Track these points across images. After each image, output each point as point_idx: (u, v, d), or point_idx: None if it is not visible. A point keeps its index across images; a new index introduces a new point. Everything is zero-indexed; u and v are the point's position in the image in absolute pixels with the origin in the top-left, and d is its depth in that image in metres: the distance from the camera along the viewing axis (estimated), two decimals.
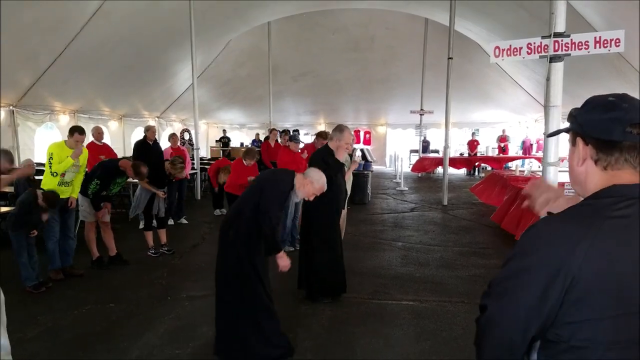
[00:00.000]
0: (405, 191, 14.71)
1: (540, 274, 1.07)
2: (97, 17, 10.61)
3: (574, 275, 1.04)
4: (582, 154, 1.20)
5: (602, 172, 1.16)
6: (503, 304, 1.14)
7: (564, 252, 1.06)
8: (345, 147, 5.07)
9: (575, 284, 1.04)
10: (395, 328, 4.49)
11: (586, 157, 1.19)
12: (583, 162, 1.20)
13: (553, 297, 1.06)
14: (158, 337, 4.25)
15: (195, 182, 12.57)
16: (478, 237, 8.28)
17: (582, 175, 1.22)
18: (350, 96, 22.10)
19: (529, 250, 1.13)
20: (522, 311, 1.10)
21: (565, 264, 1.05)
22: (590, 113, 1.18)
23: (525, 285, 1.10)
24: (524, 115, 21.15)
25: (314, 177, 3.87)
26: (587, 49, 4.72)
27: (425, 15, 17.09)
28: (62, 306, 4.96)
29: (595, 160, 1.17)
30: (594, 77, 11.80)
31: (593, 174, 1.18)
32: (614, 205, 1.09)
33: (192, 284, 5.73)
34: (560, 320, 1.08)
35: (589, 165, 1.19)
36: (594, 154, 1.17)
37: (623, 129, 1.11)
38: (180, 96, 19.27)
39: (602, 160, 1.16)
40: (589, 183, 1.20)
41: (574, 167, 1.24)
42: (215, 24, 14.98)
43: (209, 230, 8.71)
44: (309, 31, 18.59)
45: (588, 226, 1.07)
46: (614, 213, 1.08)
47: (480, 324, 1.20)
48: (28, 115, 12.20)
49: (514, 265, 1.14)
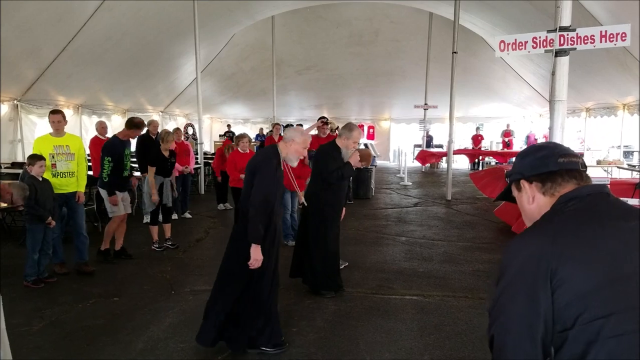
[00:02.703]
0: (408, 186, 14.69)
1: (521, 281, 1.18)
2: (101, 11, 10.62)
3: (551, 265, 1.14)
4: (530, 193, 1.38)
5: (551, 198, 1.33)
6: (504, 323, 1.21)
7: (536, 250, 1.18)
8: (353, 147, 5.07)
9: (556, 275, 1.13)
10: (399, 322, 4.49)
11: (534, 194, 1.37)
12: (533, 200, 1.37)
13: (543, 294, 1.14)
14: (162, 331, 4.27)
15: (199, 177, 12.60)
16: (482, 232, 8.27)
17: (535, 211, 1.37)
18: (354, 90, 22.08)
19: (506, 265, 1.24)
20: (521, 321, 1.17)
21: (542, 260, 1.15)
22: (525, 159, 1.40)
23: (514, 298, 1.19)
24: (528, 110, 21.08)
25: (292, 135, 3.87)
26: (593, 43, 4.68)
27: (430, 9, 17.02)
28: (67, 299, 4.98)
29: (542, 192, 1.35)
30: (600, 72, 11.74)
31: (544, 204, 1.34)
32: (565, 204, 1.27)
33: (196, 278, 5.75)
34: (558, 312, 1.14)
35: (538, 199, 1.36)
36: (540, 187, 1.35)
37: (556, 160, 1.33)
38: (184, 90, 19.26)
39: (549, 188, 1.33)
40: (543, 211, 1.33)
41: (526, 207, 1.41)
42: (219, 18, 14.96)
43: (212, 225, 8.73)
44: (313, 25, 18.56)
45: (549, 222, 1.25)
46: (567, 209, 1.26)
47: (495, 350, 1.26)
48: (31, 109, 12.24)
49: (499, 285, 1.24)
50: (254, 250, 3.57)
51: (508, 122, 21.32)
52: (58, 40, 10.79)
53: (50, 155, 5.55)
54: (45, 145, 5.60)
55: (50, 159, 5.56)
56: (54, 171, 5.61)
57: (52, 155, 5.57)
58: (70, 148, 5.71)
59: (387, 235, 8.01)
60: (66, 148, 5.68)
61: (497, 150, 19.38)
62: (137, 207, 9.51)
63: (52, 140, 5.65)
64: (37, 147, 5.63)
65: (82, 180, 5.89)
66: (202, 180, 12.74)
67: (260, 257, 3.60)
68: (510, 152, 18.58)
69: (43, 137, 5.78)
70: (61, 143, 5.67)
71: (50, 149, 5.58)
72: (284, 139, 3.93)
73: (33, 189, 5.17)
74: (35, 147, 5.66)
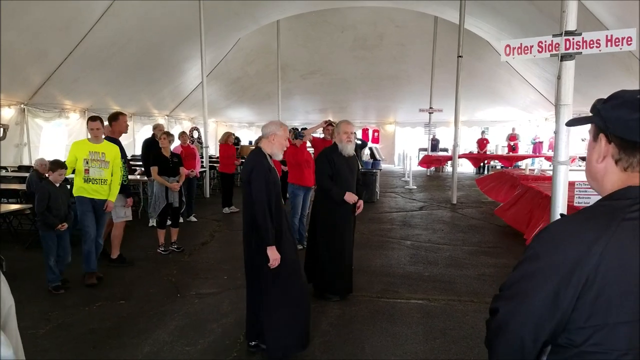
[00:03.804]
0: (413, 190, 14.68)
1: (553, 277, 1.05)
2: (107, 16, 10.70)
3: (588, 275, 1.02)
4: (604, 152, 1.15)
5: (621, 173, 1.12)
6: (515, 307, 1.12)
7: (578, 253, 1.03)
8: (346, 138, 5.03)
9: (590, 286, 1.02)
10: (404, 327, 4.49)
11: (607, 155, 1.15)
12: (603, 160, 1.16)
13: (566, 300, 1.04)
14: (168, 334, 4.28)
15: (204, 180, 12.64)
16: (487, 236, 8.25)
17: (600, 172, 1.17)
18: (359, 94, 22.10)
19: (541, 253, 1.10)
20: (533, 314, 1.08)
21: (580, 265, 1.02)
22: (617, 110, 1.11)
23: (537, 289, 1.07)
24: (534, 114, 21.04)
25: (272, 129, 3.88)
26: (599, 48, 4.66)
27: (435, 13, 17.02)
28: (73, 302, 5.00)
29: (616, 160, 1.13)
30: (606, 76, 11.70)
31: (612, 173, 1.14)
32: (630, 207, 1.06)
33: (201, 281, 5.76)
34: (573, 324, 1.05)
35: (608, 164, 1.15)
36: (616, 153, 1.13)
37: None
38: (190, 94, 19.35)
39: (623, 161, 1.12)
40: (607, 181, 1.16)
41: (592, 162, 1.19)
42: (225, 22, 15.04)
43: (218, 228, 8.75)
44: (317, 29, 18.62)
45: (604, 227, 1.04)
46: (630, 215, 1.05)
47: (491, 326, 1.18)
48: (38, 113, 12.33)
49: (526, 267, 1.12)
50: (270, 252, 3.62)
51: (513, 125, 21.29)
52: (65, 45, 10.87)
53: (84, 161, 5.58)
54: (81, 150, 5.60)
55: (84, 164, 5.57)
56: (86, 177, 5.58)
57: (86, 160, 5.57)
58: (105, 156, 5.69)
59: (392, 239, 8.00)
60: (101, 155, 5.66)
61: (502, 154, 19.35)
62: (142, 211, 9.56)
63: (89, 146, 5.65)
64: (73, 151, 5.64)
65: (114, 189, 5.83)
66: (207, 183, 12.77)
67: (278, 256, 3.65)
68: (515, 156, 18.56)
69: (80, 142, 5.77)
70: (97, 150, 5.66)
71: (85, 154, 5.58)
72: (264, 136, 3.93)
73: (46, 194, 5.19)
74: (71, 151, 5.67)
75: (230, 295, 5.26)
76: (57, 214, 5.26)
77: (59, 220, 5.26)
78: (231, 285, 5.59)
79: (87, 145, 5.66)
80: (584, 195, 5.28)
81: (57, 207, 5.27)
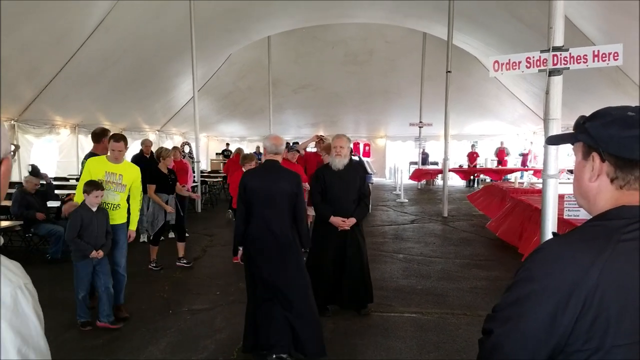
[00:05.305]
0: (405, 203, 14.73)
1: (550, 299, 1.02)
2: (99, 31, 10.71)
3: (585, 298, 0.99)
4: (597, 170, 1.11)
5: (615, 191, 1.09)
6: (509, 330, 1.08)
7: (575, 276, 1.01)
8: (334, 152, 4.99)
9: (587, 309, 0.99)
10: (398, 340, 4.49)
11: (601, 174, 1.11)
12: (597, 178, 1.12)
13: (563, 323, 1.01)
14: (160, 351, 4.25)
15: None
16: (479, 249, 8.29)
17: (592, 191, 1.14)
18: (350, 108, 22.25)
19: (535, 275, 1.07)
20: (529, 337, 1.05)
21: (577, 288, 1.00)
22: (608, 128, 1.08)
23: (533, 311, 1.04)
24: (522, 128, 21.29)
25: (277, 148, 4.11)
26: (586, 63, 4.76)
27: (424, 30, 17.28)
28: (66, 319, 4.95)
29: (612, 178, 1.10)
30: (593, 90, 11.89)
31: (605, 192, 1.11)
32: (626, 227, 1.03)
33: (193, 297, 5.73)
34: (571, 347, 1.03)
35: (602, 182, 1.11)
36: (612, 171, 1.09)
37: None
38: (181, 109, 19.36)
39: (619, 180, 1.09)
40: (599, 200, 1.13)
41: (584, 181, 1.15)
42: (216, 38, 15.13)
43: (209, 243, 8.72)
44: (308, 45, 18.78)
45: (601, 249, 1.02)
46: (627, 236, 1.02)
47: (486, 347, 1.14)
48: (28, 129, 12.26)
49: (520, 289, 1.09)
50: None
51: (502, 139, 21.51)
52: (56, 61, 10.85)
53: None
54: (97, 168, 4.91)
55: None
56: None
57: (101, 181, 4.83)
58: (123, 178, 4.98)
59: (385, 253, 8.02)
60: (119, 177, 4.95)
61: (491, 168, 19.51)
62: None
63: (106, 165, 4.94)
64: (89, 168, 4.92)
65: (134, 217, 5.22)
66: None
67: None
68: (504, 170, 18.72)
69: (98, 159, 5.05)
70: (114, 170, 4.95)
71: (101, 174, 4.88)
72: (277, 154, 4.11)
73: (79, 220, 4.59)
74: (86, 168, 4.95)
75: (224, 311, 5.24)
76: (94, 241, 4.68)
77: (93, 247, 4.65)
78: (224, 301, 5.56)
79: (104, 164, 4.96)
80: (573, 209, 5.35)
81: (95, 234, 4.67)
